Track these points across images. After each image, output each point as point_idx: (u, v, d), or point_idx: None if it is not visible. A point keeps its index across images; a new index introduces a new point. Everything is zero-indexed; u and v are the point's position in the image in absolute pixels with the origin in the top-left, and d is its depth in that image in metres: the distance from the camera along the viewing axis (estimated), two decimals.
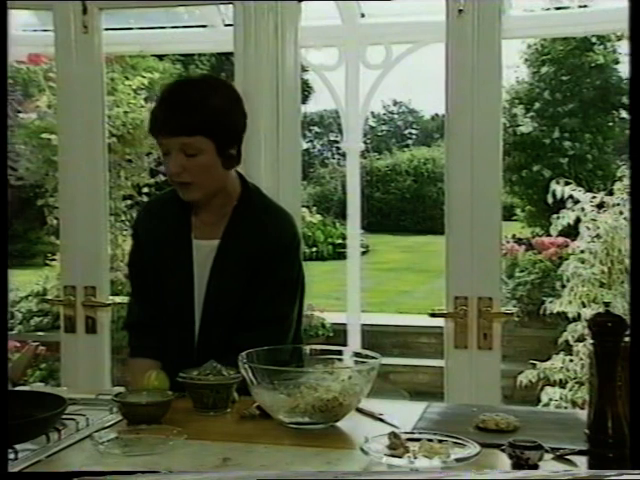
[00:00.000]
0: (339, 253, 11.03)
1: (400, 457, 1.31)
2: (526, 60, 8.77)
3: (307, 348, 1.75)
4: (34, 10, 3.27)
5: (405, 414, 1.63)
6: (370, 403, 1.62)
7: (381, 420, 1.58)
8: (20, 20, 4.04)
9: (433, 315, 2.57)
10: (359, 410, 1.60)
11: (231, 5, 2.73)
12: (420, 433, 1.40)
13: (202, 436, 1.48)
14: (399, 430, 1.41)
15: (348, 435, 1.53)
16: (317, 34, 3.32)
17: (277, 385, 1.53)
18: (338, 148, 21.91)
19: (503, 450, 1.30)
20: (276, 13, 2.56)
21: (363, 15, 3.53)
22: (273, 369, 1.56)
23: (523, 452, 1.25)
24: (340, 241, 11.44)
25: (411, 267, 11.02)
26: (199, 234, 1.87)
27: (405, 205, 15.03)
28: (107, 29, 2.87)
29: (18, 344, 5.34)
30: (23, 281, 6.60)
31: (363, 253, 11.17)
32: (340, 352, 1.74)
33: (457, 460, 1.27)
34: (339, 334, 5.67)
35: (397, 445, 1.34)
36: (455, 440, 1.34)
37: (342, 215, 12.61)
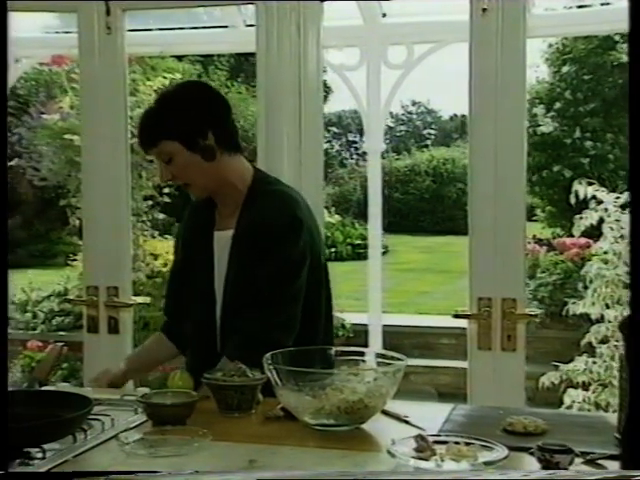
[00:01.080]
0: (358, 254, 11.01)
1: (427, 460, 1.30)
2: (546, 59, 8.70)
3: (331, 349, 1.74)
4: (57, 12, 3.27)
5: (430, 416, 1.62)
6: (395, 405, 1.61)
7: (407, 422, 1.57)
8: (43, 22, 4.07)
9: (457, 316, 2.55)
10: (384, 412, 1.59)
11: (253, 5, 2.74)
12: (447, 436, 1.39)
13: (227, 437, 1.47)
14: (425, 432, 1.40)
15: (374, 437, 1.52)
16: (338, 34, 3.31)
17: (302, 386, 1.52)
18: (357, 148, 21.92)
19: (532, 454, 1.29)
20: (298, 13, 2.56)
21: (384, 15, 3.52)
22: (298, 370, 1.55)
23: (553, 456, 1.24)
24: (359, 242, 11.42)
25: (430, 268, 10.98)
26: (219, 226, 1.93)
27: (424, 205, 14.98)
28: (129, 30, 2.88)
29: (40, 344, 5.40)
30: (45, 281, 6.65)
31: (382, 253, 11.17)
32: (362, 353, 1.74)
33: (485, 463, 1.26)
34: (359, 335, 5.65)
35: (424, 448, 1.33)
36: (483, 443, 1.32)
37: (361, 215, 12.62)
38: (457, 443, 1.33)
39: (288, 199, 1.90)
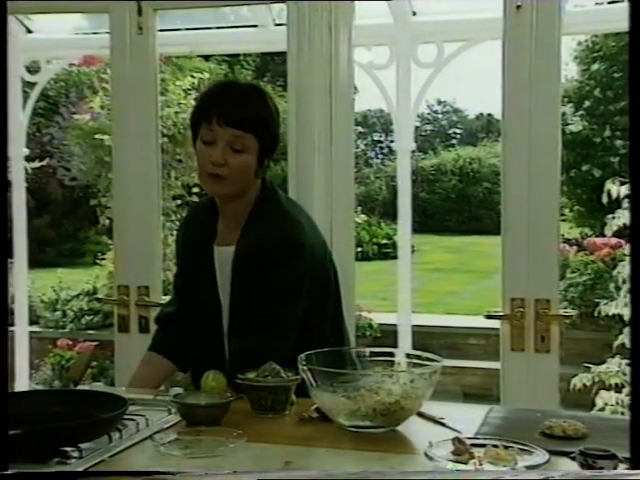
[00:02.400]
0: (384, 253, 10.98)
1: (465, 463, 1.28)
2: (575, 57, 8.61)
3: (366, 350, 1.72)
4: (89, 13, 3.29)
5: (466, 418, 1.60)
6: (428, 406, 1.59)
7: (442, 424, 1.55)
8: (73, 24, 4.10)
9: (489, 317, 2.52)
10: (419, 414, 1.57)
11: (282, 5, 2.74)
12: (485, 439, 1.37)
13: (261, 438, 1.46)
14: (462, 435, 1.38)
15: (409, 439, 1.50)
16: (368, 33, 3.29)
17: (336, 387, 1.51)
18: (382, 148, 21.86)
19: (573, 458, 1.26)
20: (330, 12, 2.55)
21: (415, 13, 3.49)
22: (333, 371, 1.54)
23: (595, 461, 1.21)
24: (385, 241, 11.39)
25: (457, 268, 10.93)
26: (220, 240, 1.90)
27: (450, 205, 14.90)
28: (159, 30, 2.89)
29: (70, 342, 5.45)
30: (74, 280, 6.71)
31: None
32: (392, 354, 1.73)
33: (525, 468, 1.24)
34: (387, 335, 5.64)
35: (462, 451, 1.32)
36: (522, 447, 1.30)
37: (387, 215, 12.59)
38: (495, 446, 1.31)
39: (290, 221, 1.86)
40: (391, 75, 3.61)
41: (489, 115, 23.68)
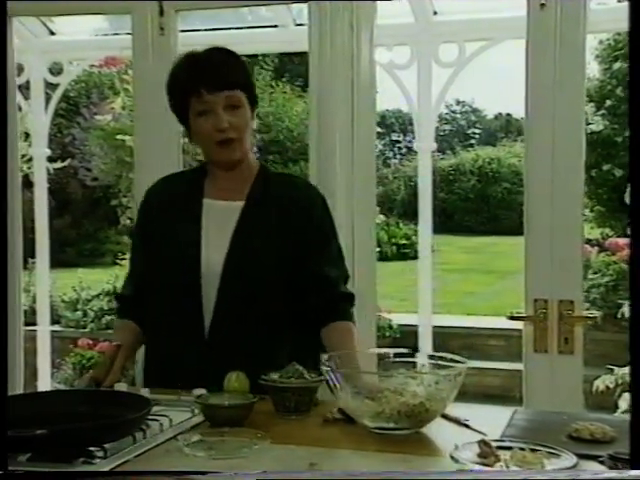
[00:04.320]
0: (403, 254, 10.95)
1: (491, 466, 1.27)
2: (597, 56, 8.54)
3: (390, 351, 1.71)
4: (112, 14, 3.31)
5: (490, 420, 1.59)
6: (451, 407, 1.57)
7: (467, 426, 1.53)
8: (92, 25, 4.12)
9: (512, 318, 2.50)
10: (443, 415, 1.56)
11: (302, 5, 2.73)
12: (511, 441, 1.35)
13: (285, 440, 1.46)
14: (488, 438, 1.37)
15: (434, 441, 1.49)
16: (389, 32, 3.28)
17: (361, 389, 1.51)
18: (400, 148, 21.80)
19: (602, 462, 1.25)
20: (351, 12, 2.54)
21: (436, 13, 3.48)
22: (356, 373, 1.53)
23: (625, 465, 1.20)
24: (404, 242, 11.36)
25: (476, 268, 10.87)
26: (213, 195, 1.89)
27: (469, 205, 14.83)
28: (180, 31, 2.89)
29: (90, 341, 5.48)
30: (94, 280, 6.74)
31: None
32: (413, 354, 1.72)
33: (553, 472, 1.22)
34: (406, 335, 5.62)
35: (488, 453, 1.30)
36: (549, 450, 1.29)
37: (405, 215, 12.55)
38: (522, 449, 1.30)
39: (307, 181, 2.05)
40: (411, 75, 3.60)
41: (508, 115, 23.56)
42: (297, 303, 1.89)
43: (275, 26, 3.65)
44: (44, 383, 4.06)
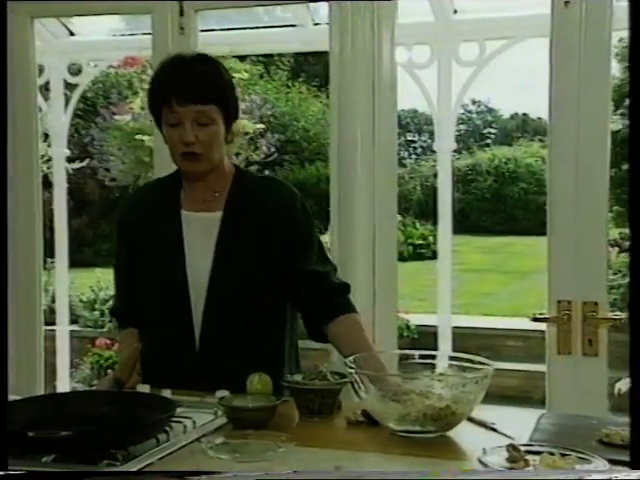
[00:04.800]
0: (419, 254, 10.91)
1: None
2: (617, 54, 8.45)
3: (415, 353, 1.69)
4: (132, 14, 3.31)
5: (516, 423, 1.57)
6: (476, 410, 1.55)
7: (493, 430, 1.51)
8: (109, 26, 4.12)
9: (535, 319, 2.47)
10: (469, 418, 1.54)
11: (320, 4, 2.71)
12: (540, 446, 1.33)
13: (310, 442, 1.44)
14: (517, 442, 1.34)
15: (460, 445, 1.47)
16: (409, 32, 3.25)
17: (386, 391, 1.49)
18: (415, 148, 21.73)
19: None
20: (372, 11, 2.52)
21: (456, 11, 3.45)
22: (382, 375, 1.52)
23: None
24: (420, 242, 11.32)
25: (493, 268, 10.81)
26: (192, 207, 1.87)
27: (485, 205, 14.76)
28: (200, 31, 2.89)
29: (108, 341, 5.49)
30: (111, 280, 6.74)
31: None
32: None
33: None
34: (424, 336, 5.59)
35: (517, 458, 1.28)
36: (579, 455, 1.26)
37: (422, 215, 12.51)
38: (552, 454, 1.28)
39: (284, 182, 1.97)
40: (430, 74, 3.57)
41: (524, 115, 23.43)
42: (292, 303, 1.90)
43: (294, 25, 3.64)
44: (63, 383, 4.07)
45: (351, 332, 1.84)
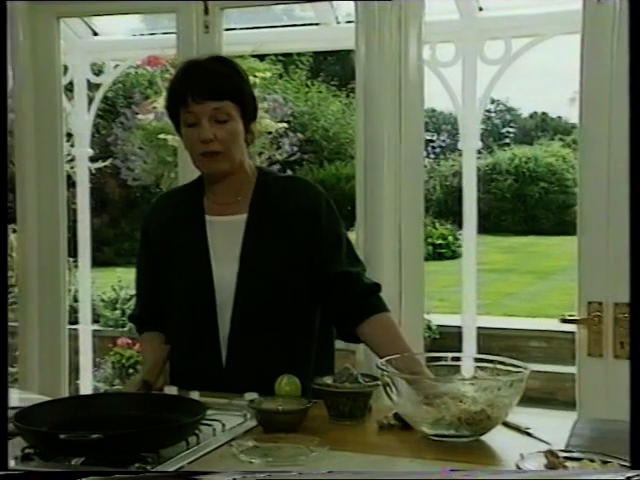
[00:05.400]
0: (439, 254, 10.86)
1: None
2: None
3: (448, 355, 1.67)
4: (157, 13, 3.30)
5: (550, 428, 1.54)
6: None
7: (528, 434, 1.48)
8: (129, 26, 4.11)
9: (564, 321, 2.44)
10: (503, 422, 1.51)
11: (344, 2, 2.69)
12: (580, 452, 1.30)
13: (341, 447, 1.42)
14: (556, 448, 1.31)
15: (495, 450, 1.44)
16: (433, 30, 3.22)
17: (418, 395, 1.46)
18: (434, 147, 21.64)
19: None
20: (399, 8, 2.49)
21: (481, 9, 3.41)
22: (413, 378, 1.49)
23: None
24: (440, 241, 11.27)
25: (514, 269, 10.74)
26: (214, 212, 1.85)
27: (505, 205, 14.67)
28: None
29: (130, 341, 5.50)
30: (132, 279, 6.74)
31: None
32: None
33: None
34: (446, 336, 5.56)
35: (555, 464, 1.25)
36: (622, 463, 1.23)
37: (441, 215, 12.44)
38: (592, 461, 1.25)
39: (307, 181, 1.95)
40: (455, 73, 3.53)
41: (543, 114, 23.27)
42: (322, 307, 1.86)
43: (317, 24, 3.61)
44: (86, 382, 4.08)
45: (386, 332, 1.81)
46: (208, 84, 1.75)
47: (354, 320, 1.82)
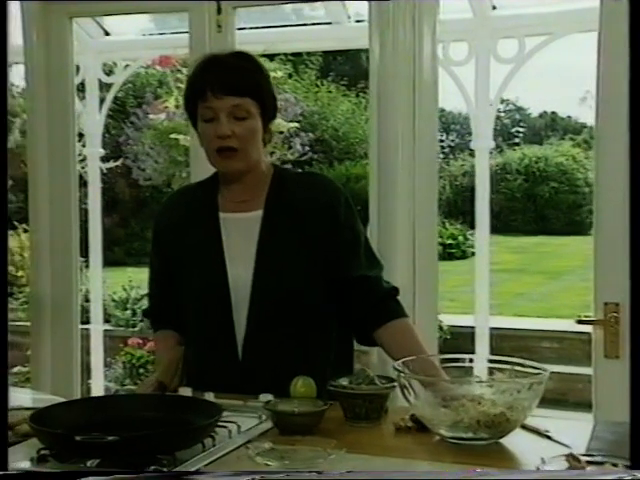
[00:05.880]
0: (449, 254, 10.82)
1: None
2: None
3: (465, 357, 1.65)
4: (169, 12, 3.29)
5: (569, 430, 1.52)
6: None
7: (548, 437, 1.47)
8: (139, 26, 4.11)
9: (580, 322, 2.41)
10: (522, 425, 1.49)
11: (356, 2, 2.67)
12: (603, 456, 1.28)
13: (358, 449, 1.40)
14: (577, 452, 1.29)
15: (514, 453, 1.42)
16: (446, 28, 3.19)
17: (436, 397, 1.45)
18: (442, 147, 21.60)
19: None
20: (413, 6, 2.47)
21: (495, 7, 3.39)
22: (430, 380, 1.48)
23: None
24: (450, 241, 11.23)
25: (524, 269, 10.69)
26: (228, 209, 1.82)
27: (515, 205, 14.62)
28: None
29: (140, 340, 5.50)
30: (143, 279, 6.74)
31: (474, 254, 10.93)
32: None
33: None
34: (457, 337, 5.53)
35: (577, 468, 1.23)
36: None
37: (451, 215, 12.40)
38: (615, 465, 1.23)
39: (325, 177, 1.95)
40: (468, 72, 3.51)
41: (553, 113, 23.18)
42: (339, 309, 1.84)
43: (329, 23, 3.60)
44: (97, 382, 4.08)
45: (404, 338, 1.79)
46: (229, 79, 1.72)
47: (371, 325, 1.80)
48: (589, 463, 1.24)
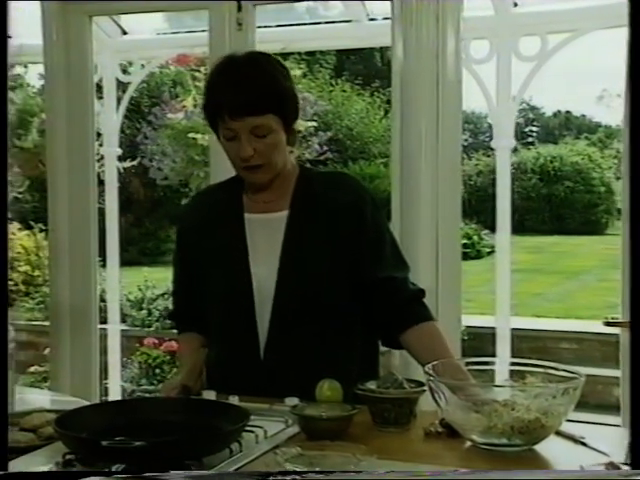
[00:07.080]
0: (464, 254, 10.76)
1: None
2: None
3: (494, 359, 1.62)
4: (190, 10, 3.27)
5: (604, 437, 1.48)
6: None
7: (584, 444, 1.43)
8: (153, 25, 4.08)
9: (608, 324, 2.37)
10: (556, 432, 1.46)
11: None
12: None
13: (388, 455, 1.37)
14: (618, 460, 1.26)
15: (549, 461, 1.38)
16: (468, 26, 3.15)
17: (466, 401, 1.41)
18: None
19: None
20: (437, 4, 2.43)
21: (516, 4, 3.34)
22: (461, 384, 1.44)
23: None
24: (465, 241, 11.17)
25: (541, 269, 10.61)
26: (253, 209, 1.79)
27: (530, 204, 14.54)
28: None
29: (156, 340, 5.49)
30: (158, 279, 6.75)
31: (488, 253, 10.84)
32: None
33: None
34: (474, 337, 5.47)
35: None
36: None
37: (465, 214, 12.33)
38: None
39: (350, 176, 1.92)
40: (489, 70, 3.46)
41: (567, 112, 23.06)
42: (364, 310, 1.80)
43: (349, 21, 3.57)
44: (114, 382, 4.06)
45: (430, 341, 1.75)
46: (246, 100, 1.65)
47: (398, 327, 1.76)
48: None
